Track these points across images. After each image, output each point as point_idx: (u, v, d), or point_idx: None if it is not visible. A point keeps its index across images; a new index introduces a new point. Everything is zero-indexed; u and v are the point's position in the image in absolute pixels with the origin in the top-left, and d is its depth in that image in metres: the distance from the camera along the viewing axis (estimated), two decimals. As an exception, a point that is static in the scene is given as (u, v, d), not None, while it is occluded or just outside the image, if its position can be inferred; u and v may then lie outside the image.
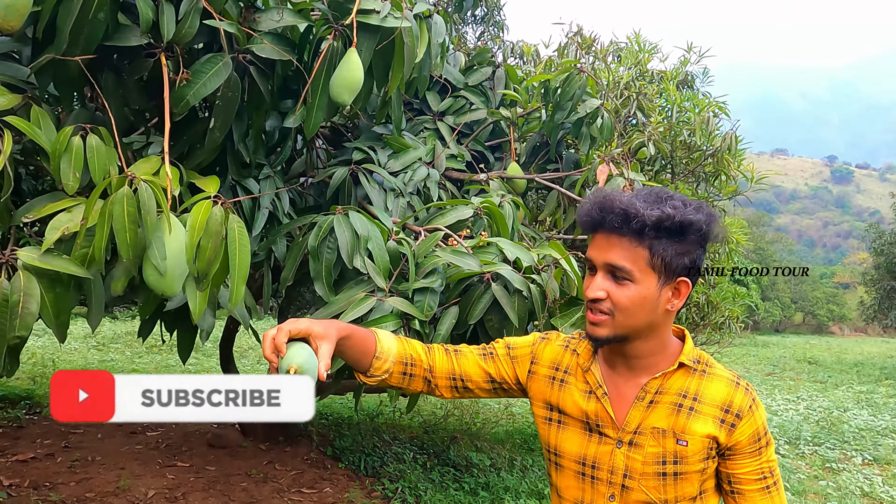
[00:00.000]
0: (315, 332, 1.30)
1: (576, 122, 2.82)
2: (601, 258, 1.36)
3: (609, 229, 1.34)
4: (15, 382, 7.75)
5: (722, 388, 1.42)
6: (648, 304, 1.35)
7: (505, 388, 1.60)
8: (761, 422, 1.42)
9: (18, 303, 1.47)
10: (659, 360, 1.44)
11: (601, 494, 1.44)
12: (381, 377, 1.50)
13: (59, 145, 1.57)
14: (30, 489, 4.85)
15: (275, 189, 2.24)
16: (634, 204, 1.31)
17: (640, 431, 1.42)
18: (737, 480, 1.42)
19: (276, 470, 5.82)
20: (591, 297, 1.36)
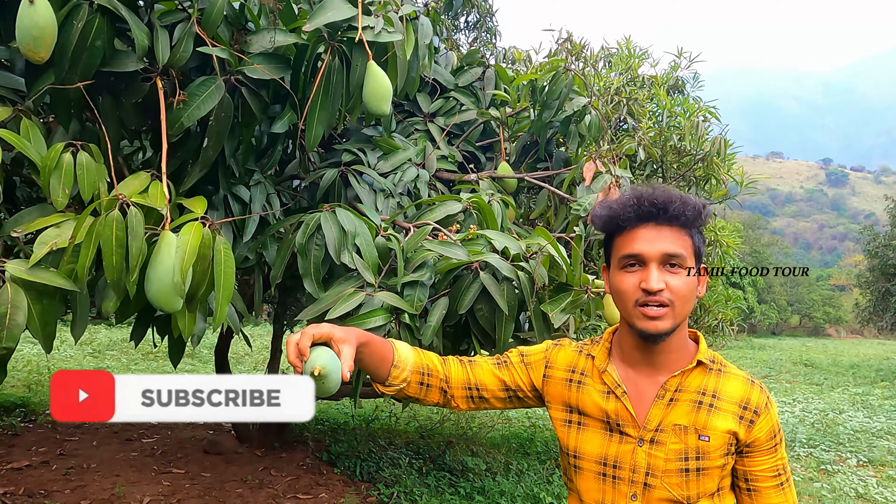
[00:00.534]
0: (337, 336, 1.32)
1: (564, 120, 2.86)
2: (655, 249, 1.37)
3: (661, 221, 1.37)
4: (10, 390, 7.74)
5: (739, 386, 1.46)
6: (694, 291, 1.40)
7: (520, 395, 1.61)
8: (776, 419, 1.46)
9: (6, 314, 1.49)
10: (679, 357, 1.46)
11: (623, 494, 1.45)
12: (399, 386, 1.51)
13: (50, 161, 1.60)
14: (25, 497, 4.84)
15: (266, 194, 2.27)
16: (684, 196, 1.37)
17: (662, 429, 1.43)
18: (753, 478, 1.45)
19: (272, 476, 5.82)
20: (656, 289, 1.35)
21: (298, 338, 1.30)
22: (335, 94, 1.92)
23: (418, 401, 1.58)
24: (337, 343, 1.32)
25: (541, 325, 2.03)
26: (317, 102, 1.90)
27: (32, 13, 1.46)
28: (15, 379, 8.55)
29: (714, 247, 5.08)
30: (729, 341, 8.61)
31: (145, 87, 1.78)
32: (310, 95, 1.85)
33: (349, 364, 1.29)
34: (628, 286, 1.40)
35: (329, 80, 1.90)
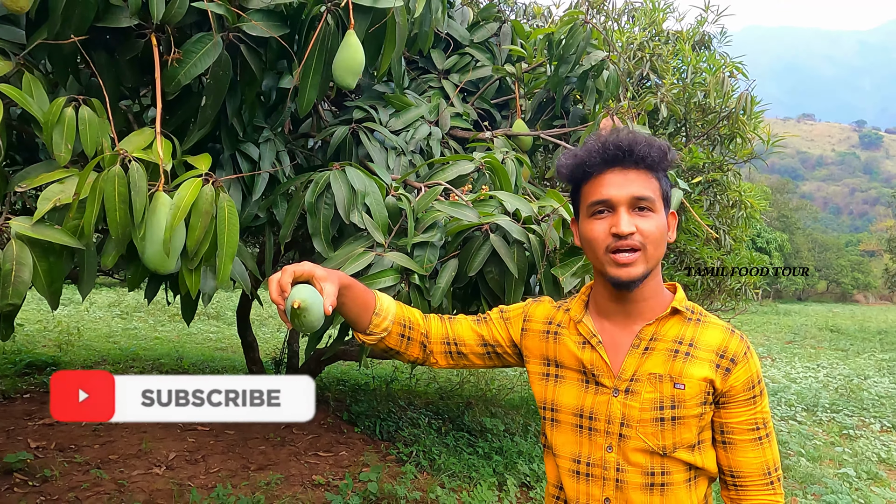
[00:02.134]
0: (318, 275, 1.32)
1: (581, 75, 2.77)
2: (623, 193, 1.35)
3: (628, 164, 1.35)
4: (42, 350, 7.95)
5: (717, 334, 1.43)
6: (664, 236, 1.38)
7: (499, 351, 1.60)
8: (755, 369, 1.42)
9: (11, 271, 1.49)
10: (654, 305, 1.45)
11: (599, 446, 1.44)
12: (381, 335, 1.50)
13: (52, 116, 1.58)
14: (56, 451, 5.00)
15: (275, 152, 2.24)
16: (649, 137, 1.37)
17: (637, 378, 1.42)
18: (729, 430, 1.42)
19: (294, 434, 5.93)
20: (626, 232, 1.33)
21: (280, 276, 1.29)
22: (329, 59, 1.87)
23: (398, 354, 1.57)
24: (318, 281, 1.31)
25: (551, 288, 2.00)
26: (310, 66, 1.85)
27: None
28: (46, 339, 8.78)
29: (738, 209, 4.96)
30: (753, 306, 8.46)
31: (140, 44, 1.75)
32: (305, 56, 1.80)
33: (331, 299, 1.29)
34: (598, 233, 1.39)
35: (324, 45, 1.84)
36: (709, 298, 5.66)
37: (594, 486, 1.44)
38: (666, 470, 1.40)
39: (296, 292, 1.26)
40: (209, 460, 5.20)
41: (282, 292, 1.27)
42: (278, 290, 1.27)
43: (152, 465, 4.99)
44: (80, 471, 4.68)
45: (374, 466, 5.12)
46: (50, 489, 4.35)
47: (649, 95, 4.05)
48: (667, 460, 1.40)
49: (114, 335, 9.73)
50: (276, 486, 4.71)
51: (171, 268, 1.59)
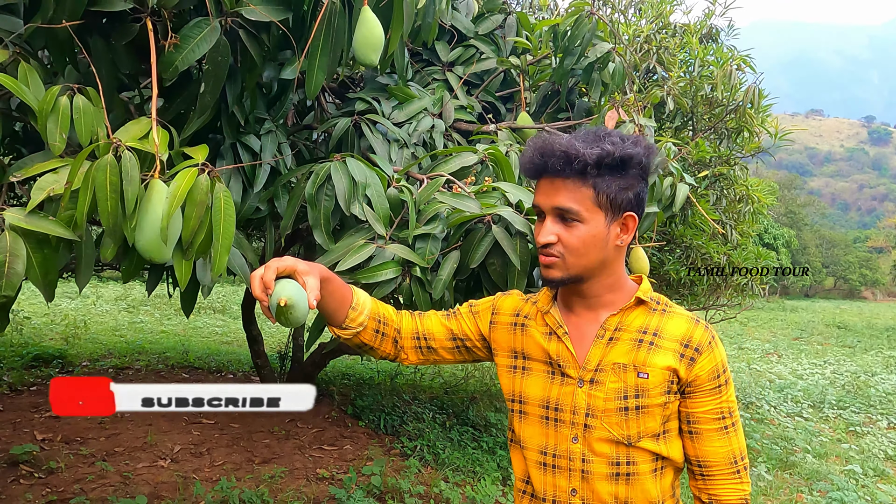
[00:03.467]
0: (300, 269, 1.32)
1: (586, 67, 2.74)
2: (548, 203, 1.38)
3: (552, 173, 1.36)
4: (49, 343, 7.98)
5: (682, 324, 1.44)
6: (599, 243, 1.38)
7: (468, 345, 1.62)
8: (720, 359, 1.43)
9: (4, 263, 1.47)
10: (616, 297, 1.47)
11: (565, 437, 1.45)
12: (356, 330, 1.51)
13: (46, 105, 1.56)
14: (62, 443, 5.02)
15: (277, 143, 2.22)
16: (574, 144, 1.34)
17: (601, 368, 1.43)
18: (695, 420, 1.43)
19: (298, 427, 5.94)
20: (543, 242, 1.38)
21: (262, 272, 1.28)
22: (336, 40, 1.84)
23: (372, 350, 1.58)
24: (301, 275, 1.31)
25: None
26: (317, 48, 1.82)
27: None
28: (53, 332, 8.81)
29: (745, 203, 4.92)
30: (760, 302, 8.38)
31: (135, 29, 1.73)
32: (310, 38, 1.77)
33: (315, 293, 1.29)
34: (535, 234, 1.43)
35: (330, 24, 1.81)
36: (714, 294, 5.63)
37: (560, 477, 1.45)
38: (631, 460, 1.42)
39: (280, 289, 1.25)
40: (214, 453, 5.22)
41: (265, 289, 1.27)
42: (262, 286, 1.27)
43: (157, 457, 5.00)
44: (85, 463, 4.70)
45: (378, 460, 5.12)
46: (55, 481, 4.37)
47: (656, 88, 4.01)
48: (632, 450, 1.42)
49: (120, 328, 9.76)
50: (280, 480, 4.72)
51: (167, 257, 1.58)
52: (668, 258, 5.01)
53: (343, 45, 1.87)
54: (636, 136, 1.42)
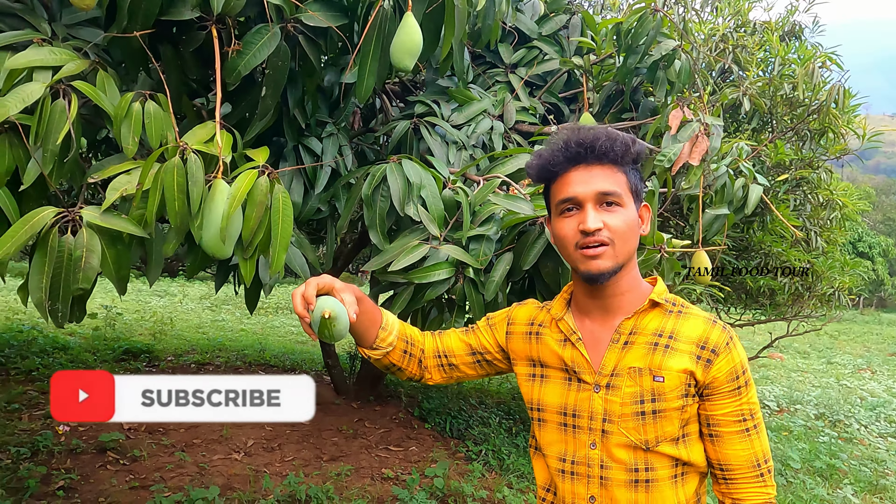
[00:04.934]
0: (338, 287, 1.36)
1: (651, 65, 2.66)
2: (589, 189, 1.37)
3: (591, 161, 1.37)
4: (138, 338, 8.45)
5: (698, 325, 1.41)
6: (635, 230, 1.40)
7: (488, 358, 1.63)
8: (739, 360, 1.39)
9: (81, 258, 1.58)
10: (631, 299, 1.45)
11: (583, 444, 1.44)
12: (386, 350, 1.54)
13: (120, 110, 1.68)
14: (146, 433, 5.30)
15: (338, 146, 2.28)
16: (611, 132, 1.37)
17: (617, 373, 1.41)
18: (715, 422, 1.40)
19: (366, 427, 6.04)
20: (593, 228, 1.35)
21: (303, 289, 1.33)
22: (387, 44, 1.87)
23: (399, 370, 1.61)
24: (338, 292, 1.35)
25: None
26: (368, 52, 1.86)
27: None
28: (143, 328, 9.32)
29: (829, 209, 4.64)
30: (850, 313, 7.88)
31: (201, 36, 1.82)
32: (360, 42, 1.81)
33: (354, 308, 1.33)
34: (567, 231, 1.40)
35: (381, 30, 1.85)
36: (797, 303, 5.35)
37: (579, 484, 1.44)
38: (650, 466, 1.39)
39: (322, 304, 1.29)
40: (284, 449, 5.38)
41: (307, 305, 1.31)
42: (303, 302, 1.31)
43: (232, 450, 5.20)
44: (166, 452, 4.94)
45: (442, 462, 5.13)
46: (138, 468, 4.62)
47: (731, 88, 3.86)
48: (650, 455, 1.39)
49: (203, 326, 10.22)
50: (346, 478, 4.81)
51: (227, 254, 1.65)
52: (745, 266, 4.80)
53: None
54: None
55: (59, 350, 7.23)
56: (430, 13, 1.93)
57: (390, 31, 1.89)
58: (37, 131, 1.62)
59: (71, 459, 4.59)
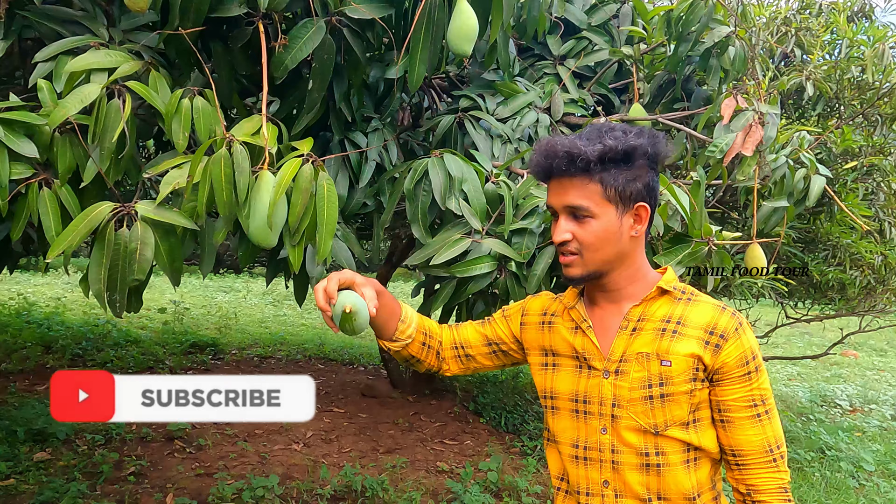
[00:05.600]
0: (358, 282, 1.41)
1: (703, 53, 2.58)
2: (559, 202, 1.42)
3: (559, 174, 1.40)
4: (205, 332, 8.77)
5: (707, 311, 1.43)
6: (612, 236, 1.41)
7: (503, 348, 1.67)
8: (748, 345, 1.41)
9: (136, 250, 1.67)
10: (638, 288, 1.48)
11: (594, 429, 1.47)
12: (405, 342, 1.58)
13: (171, 107, 1.75)
14: (211, 424, 5.50)
15: (383, 140, 2.31)
16: (576, 143, 1.37)
17: (625, 359, 1.44)
18: (726, 408, 1.41)
19: (422, 420, 6.10)
20: (559, 241, 1.42)
21: (325, 284, 1.37)
22: (437, 33, 1.88)
23: (418, 362, 1.65)
24: (359, 287, 1.40)
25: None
26: (418, 41, 1.88)
27: None
28: (209, 322, 9.67)
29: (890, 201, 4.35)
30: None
31: (248, 31, 1.88)
32: (410, 32, 1.83)
33: (374, 302, 1.38)
34: (552, 234, 1.46)
35: (430, 18, 1.86)
36: (870, 297, 5.09)
37: (592, 469, 1.48)
38: (660, 450, 1.42)
39: (344, 298, 1.34)
40: (342, 440, 5.49)
41: (329, 299, 1.36)
42: (325, 297, 1.37)
43: (292, 441, 5.35)
44: (229, 442, 5.12)
45: (496, 457, 5.14)
46: (203, 456, 4.80)
47: (794, 73, 3.70)
48: (660, 439, 1.42)
49: (266, 321, 10.52)
50: (401, 470, 4.87)
51: (273, 242, 1.71)
52: (811, 258, 4.60)
53: (443, 39, 1.91)
54: (640, 127, 1.45)
55: (131, 343, 7.58)
56: (477, 3, 1.93)
57: (440, 19, 1.90)
58: (94, 130, 1.70)
59: (141, 447, 4.82)
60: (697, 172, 1.87)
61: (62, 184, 1.75)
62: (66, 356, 6.73)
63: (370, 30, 1.95)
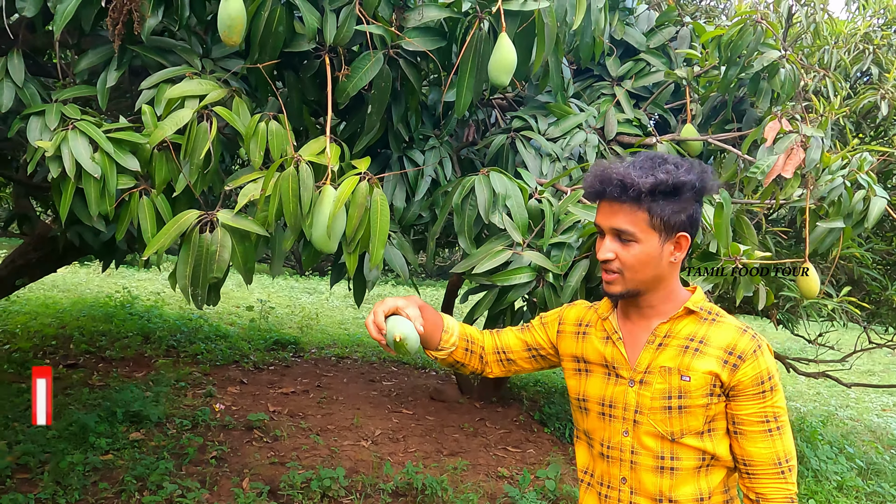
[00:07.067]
0: (400, 306, 1.58)
1: (753, 76, 2.63)
2: (607, 223, 1.54)
3: (610, 198, 1.52)
4: (287, 331, 9.24)
5: (729, 332, 1.55)
6: (653, 261, 1.52)
7: (542, 353, 1.82)
8: (765, 367, 1.52)
9: (216, 252, 1.94)
10: (668, 307, 1.61)
11: (617, 431, 1.62)
12: (449, 350, 1.74)
13: (249, 130, 2.03)
14: (287, 416, 5.86)
15: (439, 157, 2.52)
16: (630, 174, 1.47)
17: (650, 371, 1.58)
18: (740, 421, 1.54)
19: (487, 426, 6.24)
20: (602, 259, 1.55)
21: (372, 317, 1.57)
22: (482, 64, 2.07)
23: (462, 366, 1.81)
24: (403, 310, 1.57)
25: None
26: (465, 70, 2.08)
27: (227, 6, 1.88)
28: (292, 322, 10.18)
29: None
30: None
31: (316, 63, 2.14)
32: (457, 62, 2.03)
33: (420, 321, 1.57)
34: (596, 251, 1.60)
35: (477, 50, 2.05)
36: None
37: (614, 466, 1.64)
38: (675, 455, 1.56)
39: (392, 328, 1.52)
40: (408, 440, 5.72)
41: (379, 330, 1.56)
42: (376, 329, 1.56)
43: (360, 438, 5.62)
44: (303, 435, 5.45)
45: (555, 465, 5.21)
46: (278, 447, 5.15)
47: (869, 91, 3.63)
48: (676, 446, 1.56)
49: (345, 322, 10.96)
50: (462, 472, 5.03)
51: (332, 249, 1.95)
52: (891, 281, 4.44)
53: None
54: (690, 161, 1.56)
55: (220, 337, 8.11)
56: (521, 32, 2.11)
57: (485, 51, 2.09)
58: (185, 149, 2.00)
59: (223, 434, 5.22)
60: (721, 194, 1.95)
61: (158, 193, 2.05)
62: (162, 347, 7.30)
63: (426, 59, 2.16)
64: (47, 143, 1.93)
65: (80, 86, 2.18)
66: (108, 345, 7.11)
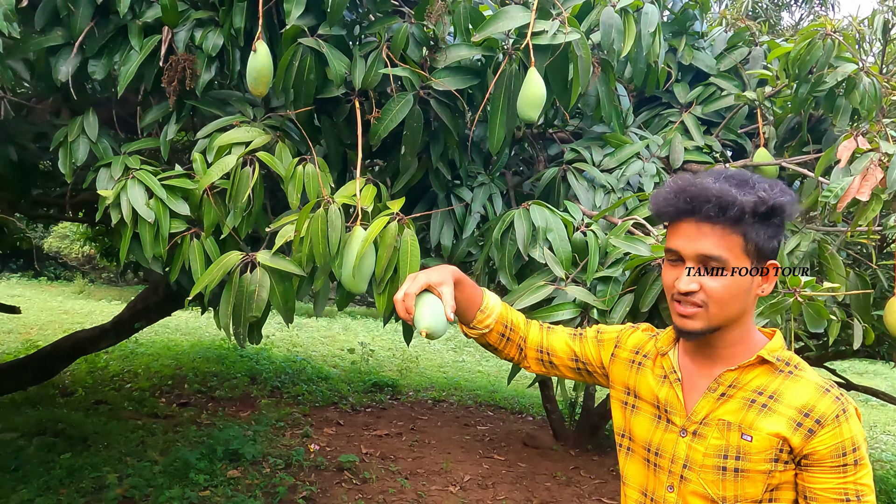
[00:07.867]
0: (433, 282, 1.42)
1: (827, 93, 2.38)
2: (692, 249, 1.29)
3: (701, 218, 1.28)
4: (386, 373, 9.38)
5: (807, 391, 1.30)
6: (742, 293, 1.31)
7: (589, 369, 1.63)
8: (850, 436, 1.27)
9: (255, 291, 2.00)
10: (739, 351, 1.37)
11: (661, 483, 1.42)
12: (483, 331, 1.61)
13: (288, 173, 2.10)
14: (378, 458, 5.89)
15: (489, 194, 2.48)
16: (730, 191, 1.25)
17: (706, 422, 1.36)
18: (812, 496, 1.29)
19: (581, 476, 5.97)
20: (685, 291, 1.30)
21: (401, 297, 1.43)
22: (513, 99, 2.03)
23: (497, 351, 1.67)
24: (435, 287, 1.42)
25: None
26: (497, 107, 2.04)
27: (254, 60, 1.97)
28: (392, 364, 10.32)
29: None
30: None
31: (347, 108, 2.19)
32: (485, 100, 2.01)
33: (451, 305, 1.40)
34: (668, 280, 1.36)
35: (507, 87, 2.02)
36: None
37: None
38: None
39: (419, 316, 1.39)
40: (498, 487, 5.56)
41: (408, 311, 1.42)
42: (404, 309, 1.44)
43: (449, 483, 5.54)
44: (391, 478, 5.44)
45: (650, 521, 4.85)
46: (366, 489, 5.17)
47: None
48: None
49: (444, 366, 10.96)
50: (551, 522, 4.81)
51: (362, 289, 1.94)
52: None
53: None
54: (779, 182, 1.33)
55: (322, 379, 8.35)
56: (555, 66, 2.06)
57: (515, 87, 2.06)
58: (230, 193, 2.09)
59: (315, 474, 5.31)
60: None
61: (206, 235, 2.16)
62: (267, 387, 7.61)
63: (460, 97, 2.16)
64: (109, 192, 2.09)
65: (146, 139, 2.37)
66: (217, 385, 7.50)
